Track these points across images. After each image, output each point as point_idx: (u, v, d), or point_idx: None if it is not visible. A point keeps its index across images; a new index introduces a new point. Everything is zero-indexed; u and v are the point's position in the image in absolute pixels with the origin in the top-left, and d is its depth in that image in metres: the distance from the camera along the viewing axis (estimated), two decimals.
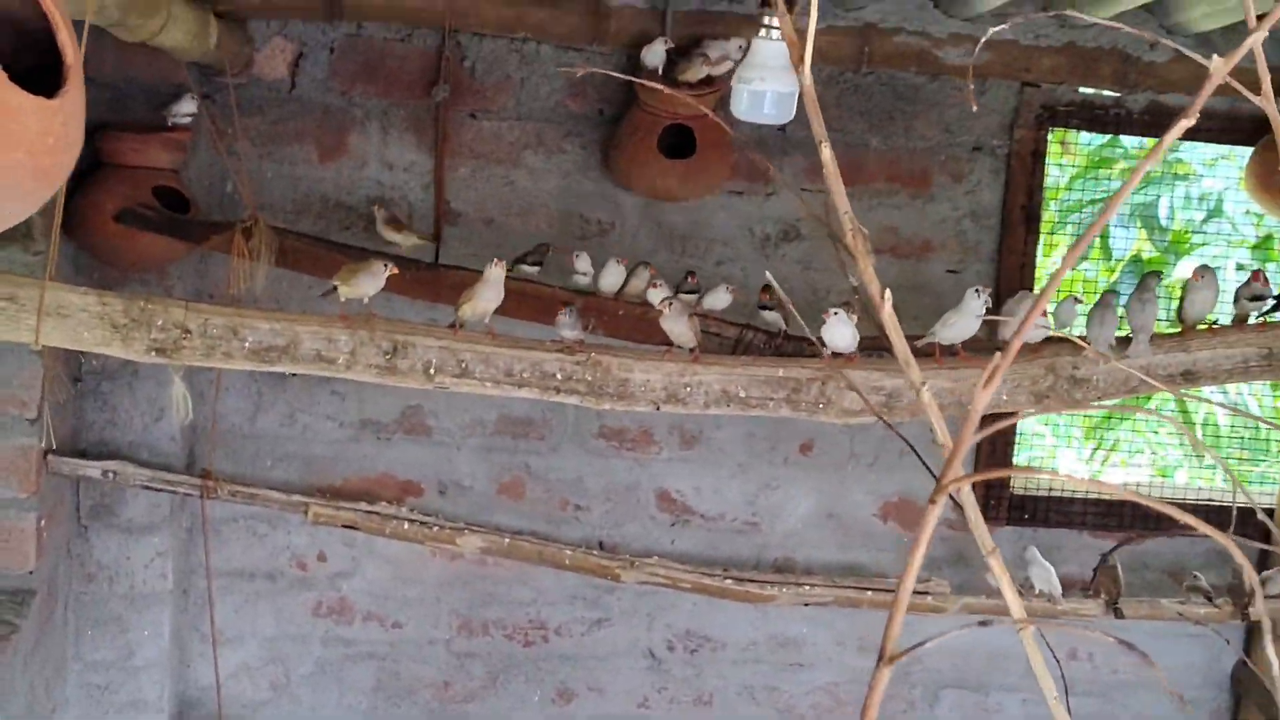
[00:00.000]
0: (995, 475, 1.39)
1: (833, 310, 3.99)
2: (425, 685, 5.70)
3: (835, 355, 4.03)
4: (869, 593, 5.24)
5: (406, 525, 5.20)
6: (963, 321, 4.07)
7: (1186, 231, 7.75)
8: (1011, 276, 5.31)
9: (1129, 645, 1.71)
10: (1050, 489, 5.63)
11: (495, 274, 4.00)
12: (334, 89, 5.22)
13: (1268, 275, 4.28)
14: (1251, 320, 4.21)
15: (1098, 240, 7.69)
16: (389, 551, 5.50)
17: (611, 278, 4.64)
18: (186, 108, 4.84)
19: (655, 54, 4.84)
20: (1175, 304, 4.29)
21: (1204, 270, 4.23)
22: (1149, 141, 7.48)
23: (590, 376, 3.86)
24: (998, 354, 1.51)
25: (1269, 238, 7.38)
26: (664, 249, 5.31)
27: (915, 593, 5.05)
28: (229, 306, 4.03)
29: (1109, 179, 7.85)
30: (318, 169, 5.27)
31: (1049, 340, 4.07)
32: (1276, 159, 5.03)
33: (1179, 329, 4.18)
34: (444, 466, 5.51)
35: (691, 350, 4.02)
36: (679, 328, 3.94)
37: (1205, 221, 7.58)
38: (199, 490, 5.13)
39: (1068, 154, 7.88)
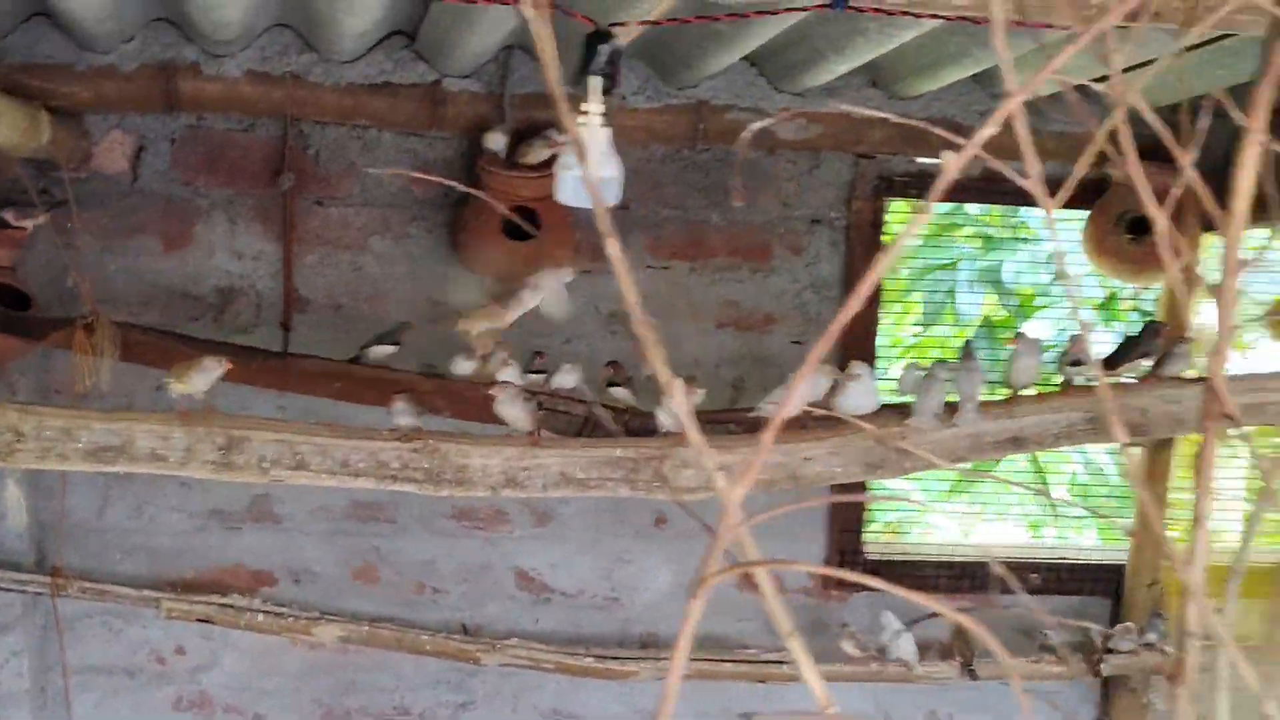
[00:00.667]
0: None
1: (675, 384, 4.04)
2: None
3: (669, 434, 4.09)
4: (727, 665, 5.29)
5: (261, 617, 5.19)
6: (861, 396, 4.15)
7: (1033, 293, 7.90)
8: (854, 346, 5.39)
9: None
10: (904, 553, 5.72)
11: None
12: (177, 180, 5.21)
13: (1083, 341, 4.40)
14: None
15: (948, 304, 7.84)
16: (247, 642, 5.45)
17: (463, 363, 4.67)
18: (25, 215, 4.79)
19: (496, 139, 4.90)
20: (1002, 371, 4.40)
21: (1024, 337, 4.34)
22: (992, 208, 7.67)
23: (428, 464, 3.88)
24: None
25: (1113, 297, 7.54)
26: (513, 329, 5.34)
27: (772, 662, 5.13)
28: (64, 408, 4.01)
29: (954, 244, 8.02)
30: (162, 260, 5.25)
31: (882, 409, 4.15)
32: (1107, 223, 5.18)
33: (1007, 395, 4.27)
34: (294, 554, 5.48)
35: (530, 433, 4.05)
36: (513, 412, 3.97)
37: (1052, 283, 7.74)
38: (48, 588, 5.07)
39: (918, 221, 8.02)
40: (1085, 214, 5.36)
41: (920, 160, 5.41)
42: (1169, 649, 5.32)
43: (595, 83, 3.65)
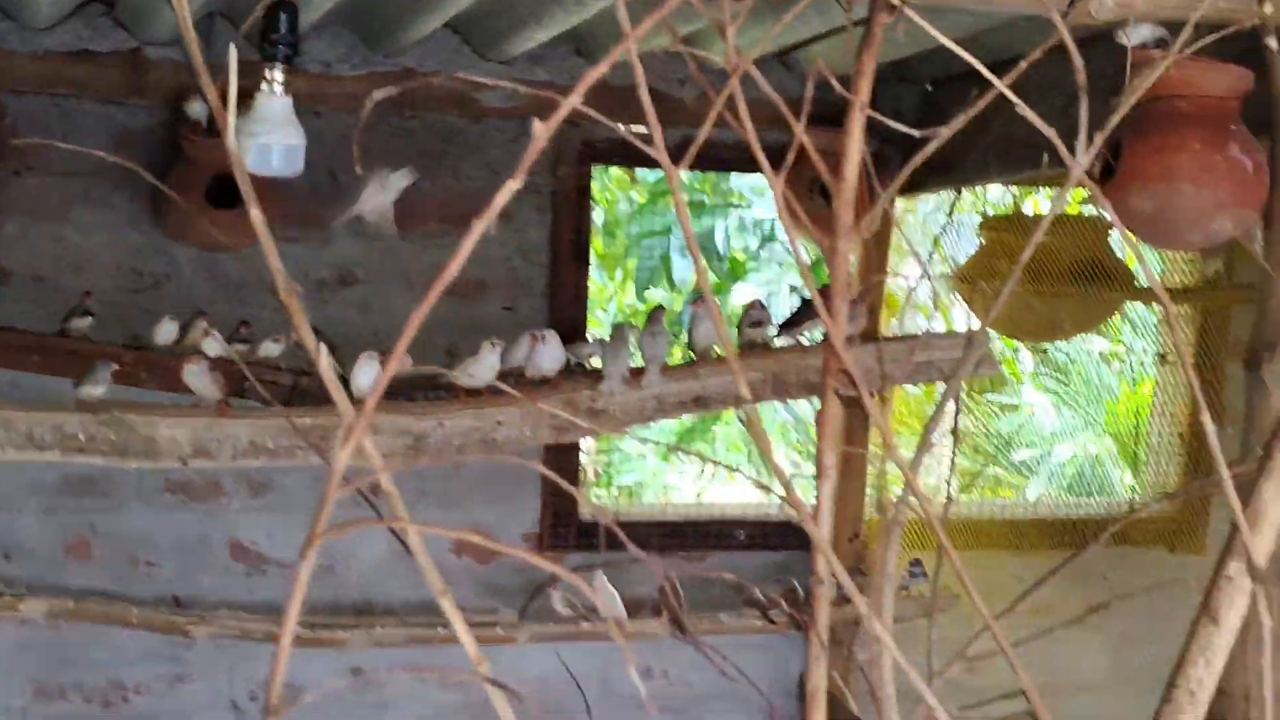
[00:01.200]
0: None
1: (365, 354, 4.09)
2: None
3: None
4: (440, 629, 5.33)
5: None
6: (480, 370, 4.22)
7: (743, 258, 8.08)
8: (564, 310, 5.49)
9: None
10: (616, 514, 5.83)
11: None
12: None
13: (764, 304, 4.55)
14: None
15: (661, 270, 7.98)
16: None
17: (164, 333, 4.65)
18: None
19: (197, 107, 4.88)
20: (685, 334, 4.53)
21: (703, 302, 4.48)
22: (708, 175, 7.83)
23: (114, 435, 3.86)
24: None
25: (819, 261, 7.74)
26: (222, 299, 5.31)
27: (483, 624, 5.19)
28: None
29: (668, 211, 8.16)
30: None
31: (566, 373, 4.24)
32: (800, 187, 5.34)
33: (692, 358, 4.41)
34: (5, 531, 5.39)
35: (219, 403, 4.05)
36: (200, 382, 3.97)
37: (760, 247, 7.93)
38: None
39: (635, 188, 8.18)
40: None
41: (625, 128, 5.50)
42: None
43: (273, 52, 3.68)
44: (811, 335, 4.60)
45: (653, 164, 5.82)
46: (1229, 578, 1.83)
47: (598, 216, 8.47)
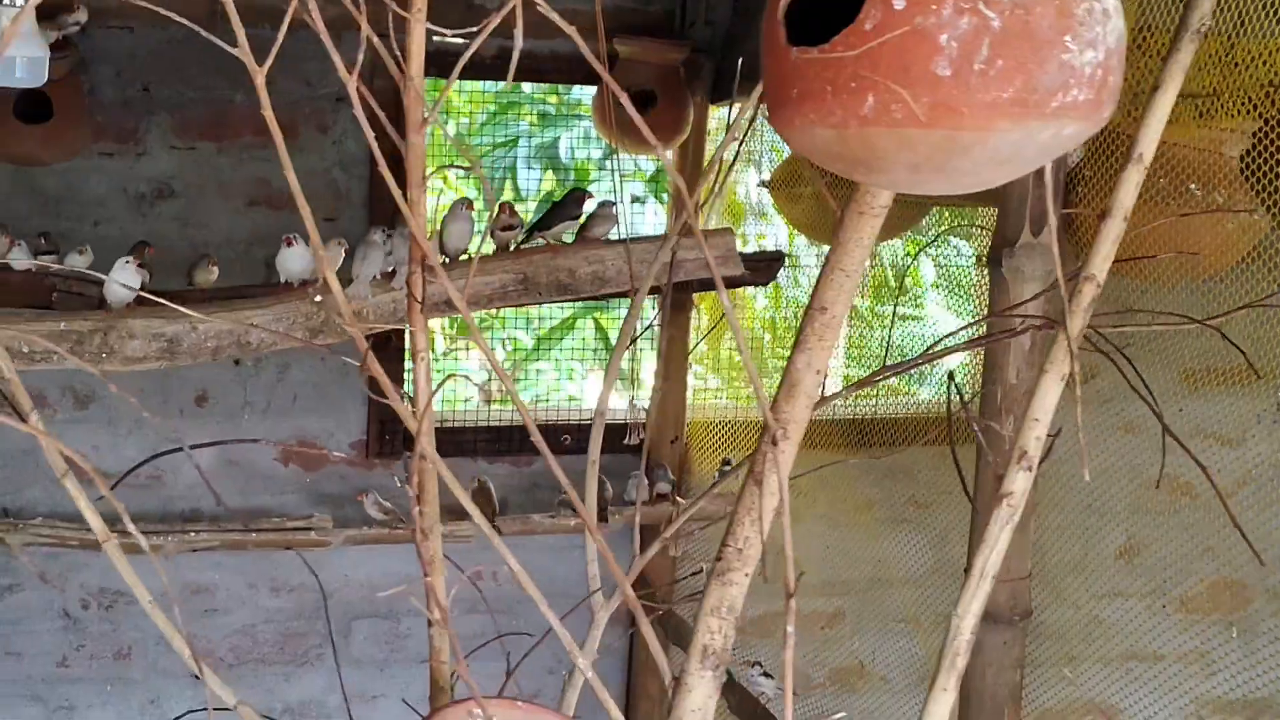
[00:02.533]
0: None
1: (123, 260, 4.18)
2: None
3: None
4: (254, 534, 5.43)
5: None
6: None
7: (588, 167, 8.16)
8: (385, 222, 5.55)
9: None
10: (443, 420, 5.93)
11: None
12: None
13: (514, 207, 4.65)
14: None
15: (508, 181, 8.05)
16: None
17: None
18: None
19: None
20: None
21: (462, 203, 4.56)
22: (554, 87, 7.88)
23: None
24: None
25: (661, 171, 7.85)
26: (38, 214, 5.33)
27: (300, 529, 5.29)
28: None
29: (517, 122, 8.22)
30: None
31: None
32: (614, 97, 5.42)
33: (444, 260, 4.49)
34: None
35: None
36: None
37: (605, 158, 8.01)
38: None
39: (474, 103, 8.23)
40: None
41: (440, 38, 5.55)
42: (680, 499, 5.65)
43: None
44: (562, 237, 4.69)
45: (470, 75, 5.89)
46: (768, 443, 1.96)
47: (451, 128, 8.53)
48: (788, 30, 1.56)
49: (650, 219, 7.80)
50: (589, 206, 4.74)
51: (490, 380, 8.61)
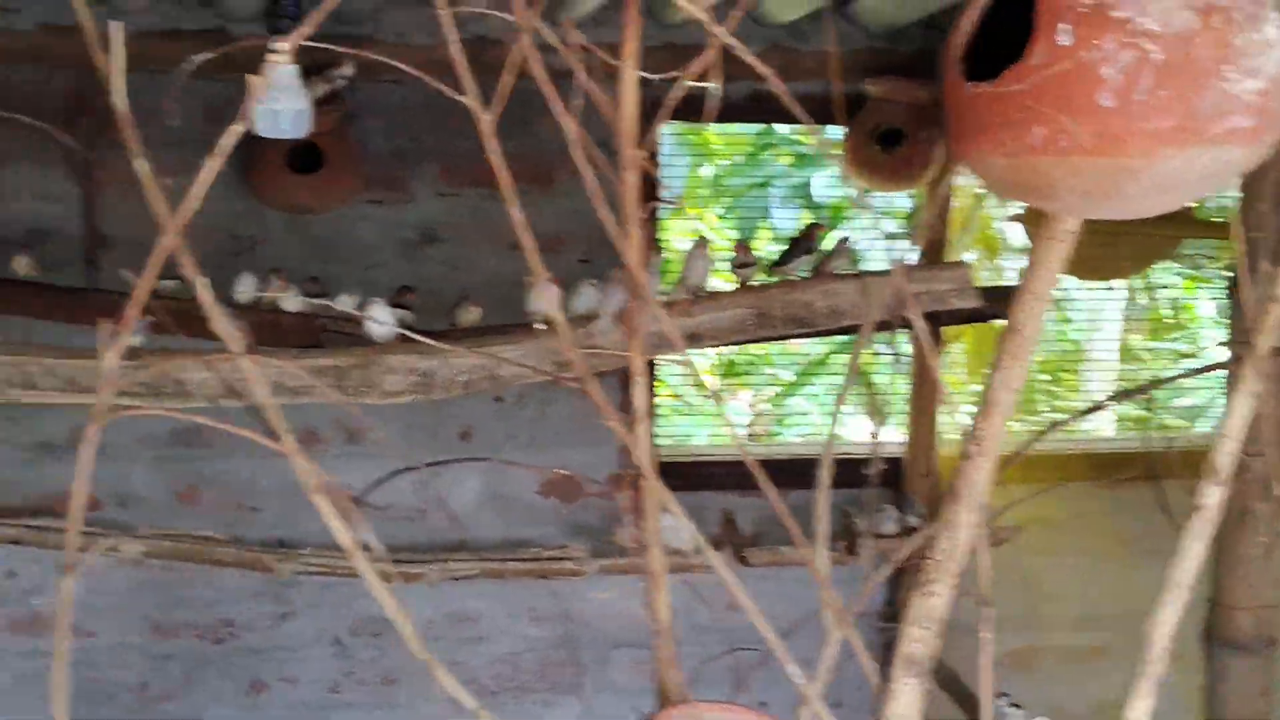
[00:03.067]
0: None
1: (379, 300, 4.40)
2: (124, 688, 5.98)
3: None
4: (511, 563, 5.63)
5: (82, 539, 5.45)
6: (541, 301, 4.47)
7: (842, 206, 8.24)
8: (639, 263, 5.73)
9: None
10: (692, 454, 6.08)
11: None
12: None
13: (749, 245, 4.77)
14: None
15: (762, 220, 8.18)
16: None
17: (244, 288, 4.97)
18: None
19: None
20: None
21: (701, 241, 4.69)
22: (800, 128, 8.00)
23: (147, 379, 4.12)
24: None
25: (916, 209, 7.91)
26: (310, 259, 5.61)
27: (555, 559, 5.47)
28: None
29: (773, 162, 8.36)
30: None
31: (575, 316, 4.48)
32: (862, 136, 5.52)
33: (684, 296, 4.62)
34: (121, 480, 5.79)
35: (247, 347, 4.31)
36: (227, 330, 4.22)
37: (860, 196, 8.07)
38: None
39: (731, 144, 8.40)
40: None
41: (689, 84, 5.71)
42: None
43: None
44: (800, 271, 4.78)
45: (721, 119, 6.04)
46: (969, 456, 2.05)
47: (707, 170, 8.71)
48: (967, 68, 1.67)
49: (906, 257, 7.85)
50: (829, 243, 4.85)
51: (756, 419, 8.78)
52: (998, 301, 4.96)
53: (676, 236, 7.25)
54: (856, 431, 8.27)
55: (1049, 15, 1.54)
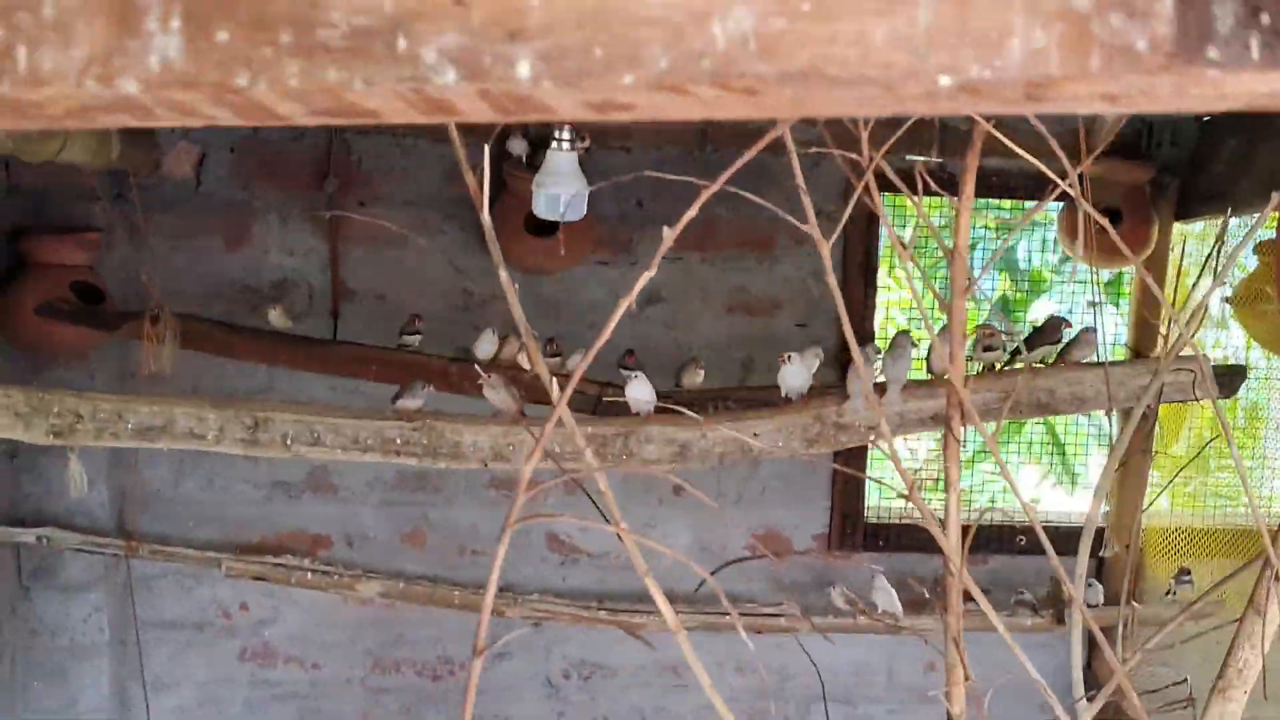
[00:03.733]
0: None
1: (633, 374, 4.60)
2: (344, 719, 6.26)
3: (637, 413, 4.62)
4: (727, 616, 5.80)
5: (310, 575, 5.77)
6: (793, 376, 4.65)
7: (1043, 273, 8.35)
8: (852, 326, 5.91)
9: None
10: (901, 517, 6.23)
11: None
12: (236, 185, 5.80)
13: (995, 328, 4.90)
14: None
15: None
16: (306, 600, 6.04)
17: (485, 347, 5.22)
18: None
19: (517, 145, 5.47)
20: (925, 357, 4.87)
21: (904, 336, 4.83)
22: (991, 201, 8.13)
23: (425, 440, 4.40)
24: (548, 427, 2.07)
25: (1119, 276, 8.00)
26: (541, 317, 5.84)
27: (770, 615, 5.64)
28: (115, 394, 4.59)
29: (977, 228, 8.47)
30: (225, 258, 5.84)
31: (824, 390, 4.65)
32: (1080, 213, 5.66)
33: (929, 378, 4.77)
34: (350, 520, 6.08)
35: (516, 412, 4.55)
36: (497, 397, 4.47)
37: (1062, 263, 8.19)
38: (122, 550, 5.70)
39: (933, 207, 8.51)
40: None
41: (909, 158, 5.90)
42: (1137, 604, 5.79)
43: None
44: (1045, 357, 4.91)
45: (937, 192, 6.20)
46: (1269, 578, 2.20)
47: (908, 233, 8.83)
48: None
49: (1109, 326, 7.95)
50: (1070, 333, 4.99)
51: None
52: (1220, 383, 5.08)
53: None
54: (1054, 502, 8.37)
55: None
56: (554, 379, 2.22)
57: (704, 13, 0.81)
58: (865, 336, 5.88)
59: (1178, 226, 5.96)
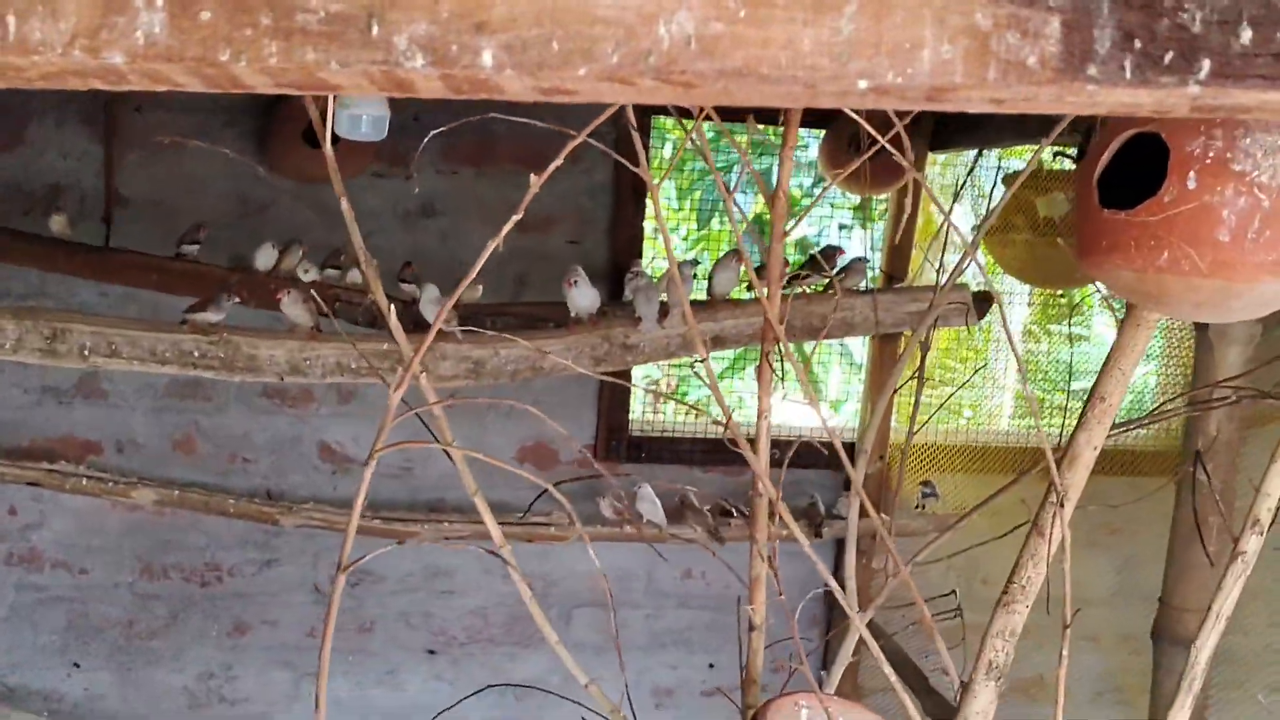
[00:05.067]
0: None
1: (430, 286, 4.70)
2: (112, 624, 6.27)
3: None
4: (502, 527, 5.95)
5: (85, 481, 5.76)
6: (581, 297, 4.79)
7: (798, 196, 8.59)
8: (623, 247, 6.08)
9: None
10: (663, 430, 6.44)
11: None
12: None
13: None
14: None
15: (720, 205, 8.52)
16: (74, 505, 6.03)
17: (264, 258, 5.26)
18: None
19: None
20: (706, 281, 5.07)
21: (732, 253, 5.03)
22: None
23: (223, 354, 4.44)
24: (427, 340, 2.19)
25: (869, 201, 8.27)
26: (319, 227, 5.90)
27: (540, 524, 5.80)
28: None
29: (729, 151, 8.70)
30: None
31: (603, 314, 4.81)
32: (839, 142, 5.89)
33: (707, 301, 4.97)
34: (121, 427, 6.07)
35: (311, 328, 4.62)
36: (295, 311, 4.54)
37: (814, 185, 8.44)
38: None
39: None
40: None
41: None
42: (884, 515, 6.07)
43: None
44: (815, 285, 5.14)
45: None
46: (1052, 502, 2.44)
47: (668, 151, 9.02)
48: (1099, 192, 2.11)
49: (855, 246, 8.22)
50: (842, 260, 5.22)
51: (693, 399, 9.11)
52: (979, 308, 5.34)
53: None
54: (800, 417, 8.66)
55: (1180, 164, 1.95)
56: (392, 305, 2.31)
57: (652, 14, 0.94)
58: (633, 254, 6.04)
59: (931, 155, 6.22)
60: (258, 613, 6.37)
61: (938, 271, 3.54)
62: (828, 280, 5.11)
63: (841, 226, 7.99)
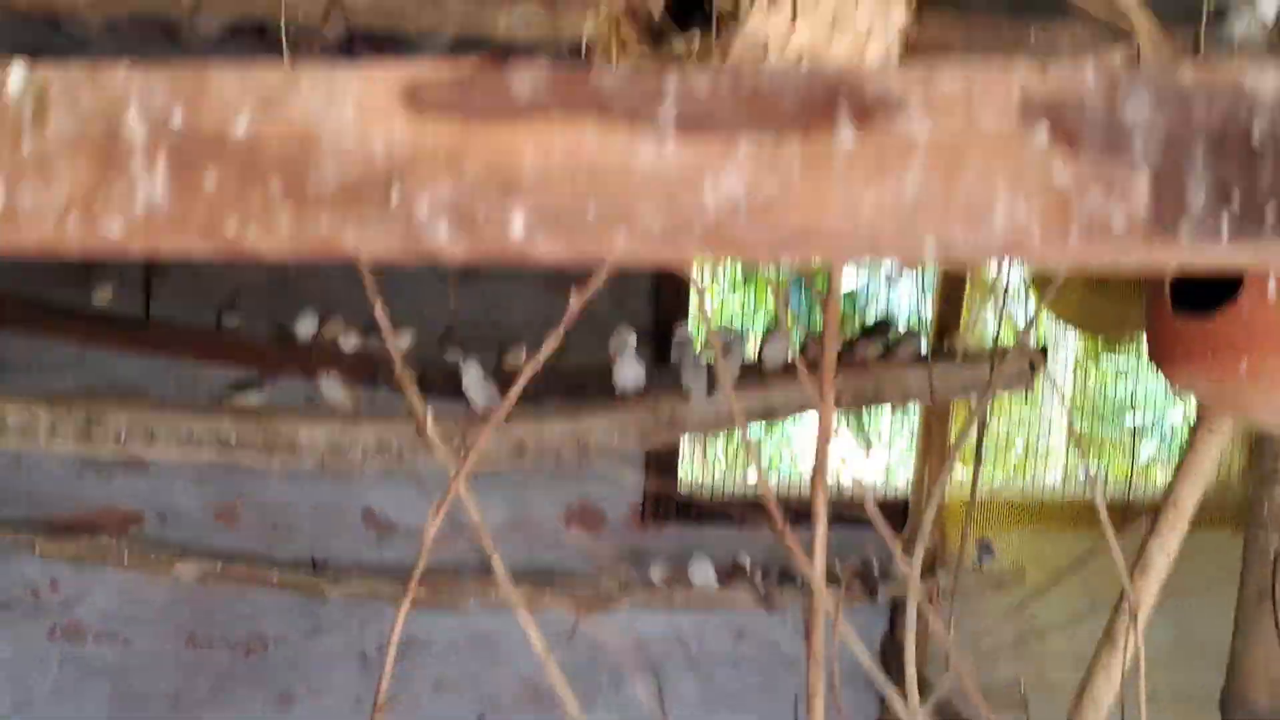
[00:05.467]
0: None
1: (471, 360, 4.63)
2: (157, 696, 6.21)
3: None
4: (547, 590, 5.87)
5: (127, 556, 5.70)
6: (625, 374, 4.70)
7: None
8: (668, 304, 6.01)
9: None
10: (713, 489, 6.36)
11: None
12: None
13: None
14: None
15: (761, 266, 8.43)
16: (116, 576, 5.96)
17: (305, 326, 5.19)
18: None
19: None
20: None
21: (774, 328, 4.95)
22: None
23: (261, 438, 4.37)
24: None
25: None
26: (359, 288, 5.81)
27: (588, 591, 5.71)
28: None
29: None
30: None
31: (659, 385, 4.72)
32: None
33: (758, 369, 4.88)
34: (162, 497, 6.02)
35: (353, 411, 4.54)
36: (334, 393, 4.46)
37: None
38: None
39: None
40: None
41: None
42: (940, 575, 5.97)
43: None
44: (867, 354, 5.04)
45: None
46: (1122, 612, 2.34)
47: None
48: (1172, 297, 2.02)
49: (902, 296, 8.10)
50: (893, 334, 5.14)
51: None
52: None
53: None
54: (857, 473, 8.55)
55: (1259, 273, 1.88)
56: (429, 408, 2.23)
57: (696, 176, 0.85)
58: (676, 317, 5.95)
59: None
60: (304, 682, 6.29)
61: (996, 327, 3.44)
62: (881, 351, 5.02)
63: (887, 278, 7.89)
